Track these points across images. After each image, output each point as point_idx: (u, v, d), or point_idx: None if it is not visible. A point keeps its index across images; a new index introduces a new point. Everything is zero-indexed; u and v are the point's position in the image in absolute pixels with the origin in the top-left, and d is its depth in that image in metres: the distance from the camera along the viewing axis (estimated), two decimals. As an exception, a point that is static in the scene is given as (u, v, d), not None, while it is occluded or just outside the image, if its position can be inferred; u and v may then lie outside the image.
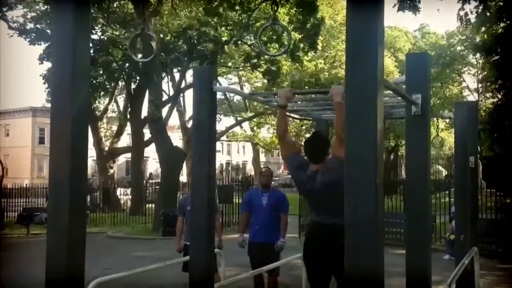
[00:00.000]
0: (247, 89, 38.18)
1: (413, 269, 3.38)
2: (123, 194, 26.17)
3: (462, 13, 15.36)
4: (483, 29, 20.84)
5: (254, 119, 36.03)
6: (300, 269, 5.67)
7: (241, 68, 31.54)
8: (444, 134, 42.32)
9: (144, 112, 23.60)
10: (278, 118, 4.48)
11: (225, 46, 22.66)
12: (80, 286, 2.57)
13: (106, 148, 28.03)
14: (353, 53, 2.36)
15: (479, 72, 37.35)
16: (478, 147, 5.98)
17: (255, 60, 24.23)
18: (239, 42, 23.93)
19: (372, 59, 2.31)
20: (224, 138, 41.94)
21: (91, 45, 21.58)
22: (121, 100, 32.06)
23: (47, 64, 23.76)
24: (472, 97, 37.71)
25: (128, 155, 29.71)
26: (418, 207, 3.36)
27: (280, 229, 6.98)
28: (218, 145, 56.14)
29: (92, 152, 28.74)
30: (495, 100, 32.45)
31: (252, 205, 7.23)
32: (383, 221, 2.38)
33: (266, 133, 42.64)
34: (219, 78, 34.63)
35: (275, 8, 3.25)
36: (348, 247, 2.32)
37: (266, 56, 23.61)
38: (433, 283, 4.01)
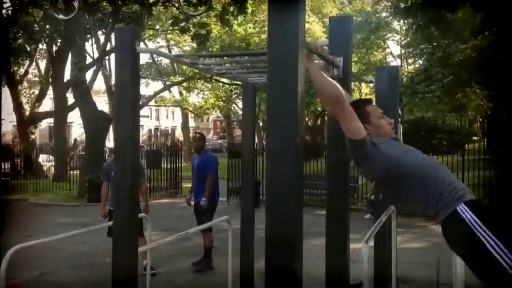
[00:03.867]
0: (175, 53, 37.45)
1: (332, 228, 3.51)
2: (46, 161, 25.32)
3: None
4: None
5: (183, 84, 35.56)
6: (227, 231, 5.75)
7: (169, 32, 30.87)
8: (368, 99, 43.54)
9: (67, 76, 22.72)
10: (318, 79, 2.81)
11: (152, 8, 22.03)
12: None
13: (27, 113, 26.88)
14: (274, 16, 2.36)
15: (402, 38, 38.52)
16: (399, 111, 6.22)
17: (183, 24, 23.74)
18: (167, 4, 23.33)
19: (293, 21, 2.32)
20: (152, 103, 41.18)
21: (9, 4, 20.47)
22: (43, 63, 30.71)
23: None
24: (395, 63, 38.89)
25: (51, 120, 28.64)
26: (338, 169, 3.46)
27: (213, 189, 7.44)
28: (146, 111, 55.21)
29: (12, 117, 27.48)
30: (417, 65, 33.72)
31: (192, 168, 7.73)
32: (302, 180, 2.44)
33: (196, 98, 42.28)
34: (147, 42, 33.79)
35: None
36: (269, 206, 2.37)
37: (195, 20, 23.18)
38: (354, 240, 4.17)
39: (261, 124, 37.20)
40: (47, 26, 22.61)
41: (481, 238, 2.60)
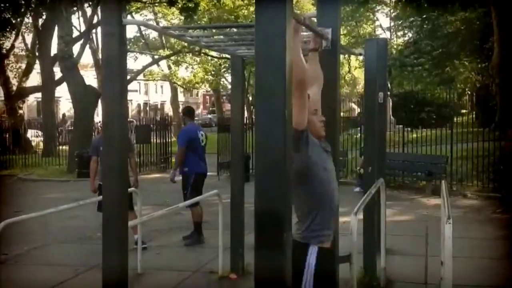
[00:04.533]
0: (163, 25, 36.93)
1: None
2: (35, 136, 25.15)
3: None
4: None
5: (172, 58, 35.22)
6: (217, 205, 5.78)
7: (156, 4, 30.44)
8: (358, 73, 43.58)
9: (54, 50, 22.43)
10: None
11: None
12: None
13: (15, 88, 26.58)
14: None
15: (391, 11, 38.30)
16: (389, 85, 6.19)
17: (171, -4, 23.42)
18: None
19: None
20: (141, 77, 40.81)
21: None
22: (29, 37, 30.26)
23: None
24: (384, 35, 38.73)
25: (39, 95, 28.36)
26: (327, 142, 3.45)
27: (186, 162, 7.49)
28: (135, 85, 54.76)
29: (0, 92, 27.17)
30: (406, 38, 33.65)
31: None
32: (291, 154, 2.43)
33: (184, 72, 41.95)
34: (134, 15, 33.33)
35: None
36: (258, 180, 2.36)
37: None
38: (343, 213, 4.21)
39: (250, 98, 37.09)
40: (33, -1, 22.21)
41: (303, 282, 2.83)
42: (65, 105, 47.37)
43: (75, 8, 23.31)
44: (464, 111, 23.56)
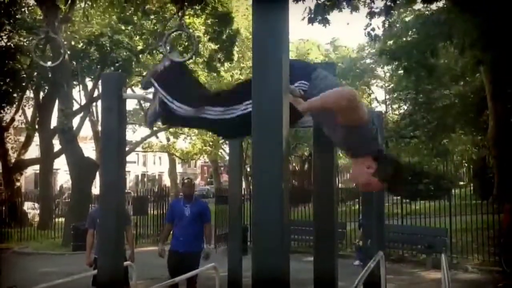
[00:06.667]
0: (162, 99, 37.40)
1: (320, 275, 3.45)
2: (31, 208, 24.96)
3: (369, 29, 15.74)
4: (390, 42, 21.84)
5: (170, 129, 35.63)
6: (214, 279, 5.66)
7: (156, 78, 31.09)
8: (355, 144, 43.98)
9: (54, 122, 22.70)
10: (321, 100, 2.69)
11: (140, 55, 22.32)
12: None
13: (13, 160, 26.64)
14: (258, 61, 2.39)
15: (386, 84, 39.20)
16: (385, 156, 6.20)
17: (171, 70, 23.95)
18: (154, 51, 23.65)
19: (278, 67, 2.35)
20: (139, 148, 41.12)
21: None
22: (29, 110, 30.68)
23: None
24: (380, 108, 39.41)
25: (37, 167, 28.41)
26: (324, 214, 3.43)
27: (203, 237, 7.25)
28: (134, 156, 55.01)
29: (-3, 165, 27.14)
30: (402, 111, 34.18)
31: (174, 215, 7.34)
32: (289, 226, 2.41)
33: (183, 143, 42.29)
34: (134, 88, 34.01)
35: (182, 13, 3.23)
36: (255, 253, 2.33)
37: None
38: (342, 288, 4.11)
39: (248, 169, 37.20)
40: (35, 74, 22.71)
41: None
42: (63, 177, 47.34)
43: (76, 82, 23.80)
44: (462, 183, 23.58)
